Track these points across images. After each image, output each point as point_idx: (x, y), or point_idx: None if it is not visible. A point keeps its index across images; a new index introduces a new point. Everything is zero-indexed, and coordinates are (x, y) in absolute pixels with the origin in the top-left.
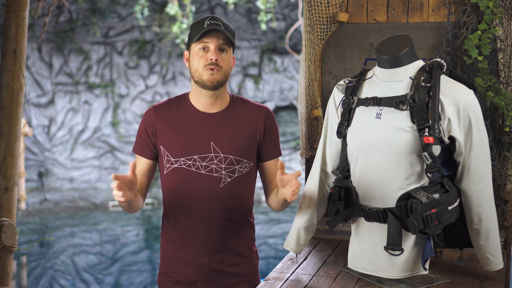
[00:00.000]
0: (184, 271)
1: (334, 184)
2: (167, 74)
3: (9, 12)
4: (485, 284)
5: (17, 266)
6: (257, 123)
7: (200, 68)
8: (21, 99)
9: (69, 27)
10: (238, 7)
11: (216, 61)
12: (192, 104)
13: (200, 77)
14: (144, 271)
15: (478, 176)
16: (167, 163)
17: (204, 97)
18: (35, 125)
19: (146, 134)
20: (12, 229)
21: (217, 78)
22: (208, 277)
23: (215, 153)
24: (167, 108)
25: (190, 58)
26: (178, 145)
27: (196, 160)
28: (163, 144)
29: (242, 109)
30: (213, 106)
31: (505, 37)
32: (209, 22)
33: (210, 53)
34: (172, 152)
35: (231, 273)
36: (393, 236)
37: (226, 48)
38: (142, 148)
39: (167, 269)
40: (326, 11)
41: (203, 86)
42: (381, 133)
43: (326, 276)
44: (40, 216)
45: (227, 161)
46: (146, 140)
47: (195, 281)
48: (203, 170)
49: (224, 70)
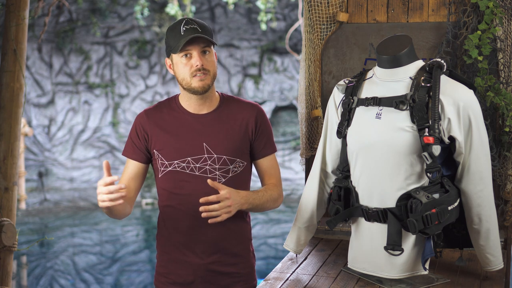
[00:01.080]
0: (181, 272)
1: (334, 184)
2: (167, 74)
3: (9, 12)
4: (485, 284)
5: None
6: (248, 121)
7: (187, 76)
8: (21, 99)
9: (69, 27)
10: (238, 7)
11: (202, 66)
12: (183, 106)
13: (189, 85)
14: (144, 271)
15: (478, 176)
16: (161, 166)
17: (194, 100)
18: (35, 125)
19: (137, 137)
20: (12, 229)
21: (207, 82)
22: (205, 277)
23: (208, 154)
24: (157, 112)
25: (174, 67)
26: (171, 148)
27: (190, 162)
28: (156, 147)
29: (233, 108)
30: (203, 107)
31: (505, 37)
32: (185, 27)
33: (195, 59)
34: (166, 155)
35: (228, 273)
36: (393, 236)
37: (208, 49)
38: (134, 151)
39: (164, 270)
40: (326, 11)
41: (193, 93)
42: (381, 133)
43: (326, 276)
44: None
45: (221, 162)
46: (138, 144)
47: (192, 281)
48: (197, 172)
49: (212, 73)
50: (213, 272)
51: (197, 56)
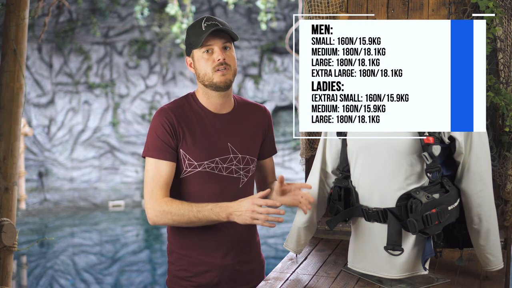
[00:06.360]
0: (207, 274)
1: (334, 184)
2: (167, 74)
3: (9, 12)
4: (485, 284)
5: (17, 266)
6: (261, 122)
7: (209, 71)
8: (21, 99)
9: (69, 27)
10: (238, 7)
11: (224, 60)
12: (203, 105)
13: (211, 81)
14: (144, 271)
15: (478, 176)
16: (188, 167)
17: (215, 98)
18: (35, 125)
19: (167, 135)
20: (12, 229)
21: (229, 77)
22: (230, 277)
23: (233, 154)
24: (179, 110)
25: (195, 64)
26: (200, 148)
27: (218, 163)
28: (184, 147)
29: (246, 109)
30: (224, 106)
31: (505, 37)
32: (206, 23)
33: (216, 54)
34: (195, 156)
35: (249, 271)
36: (393, 236)
37: (228, 45)
38: (165, 150)
39: (186, 274)
40: (326, 11)
41: (215, 89)
42: (381, 133)
43: (326, 276)
44: (40, 216)
45: (245, 161)
46: (168, 141)
47: (218, 283)
48: (224, 172)
49: (233, 68)
50: (238, 272)
51: (218, 51)
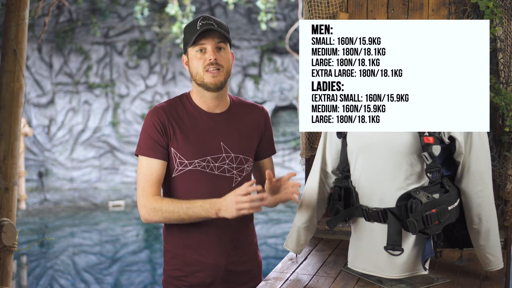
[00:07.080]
0: (200, 274)
1: (334, 184)
2: (167, 74)
3: (9, 12)
4: (485, 284)
5: (17, 266)
6: (258, 123)
7: (200, 70)
8: (21, 99)
9: (69, 27)
10: (238, 7)
11: (216, 60)
12: (196, 105)
13: (202, 80)
14: (144, 271)
15: (478, 176)
16: (179, 165)
17: (209, 97)
18: (35, 125)
19: (158, 133)
20: (12, 229)
21: (220, 79)
22: (224, 277)
23: (226, 153)
24: (172, 109)
25: (189, 62)
26: (191, 147)
27: (209, 161)
28: (174, 145)
29: (242, 109)
30: (217, 106)
31: (505, 37)
32: (201, 23)
33: (208, 54)
34: (185, 154)
35: (244, 272)
36: (393, 236)
37: (223, 45)
38: (156, 149)
39: (179, 273)
40: (326, 11)
41: (206, 89)
42: (381, 133)
43: (326, 276)
44: (40, 216)
45: (238, 161)
46: (159, 140)
47: (211, 283)
48: (216, 171)
49: (225, 69)
50: (232, 272)
51: (211, 51)
